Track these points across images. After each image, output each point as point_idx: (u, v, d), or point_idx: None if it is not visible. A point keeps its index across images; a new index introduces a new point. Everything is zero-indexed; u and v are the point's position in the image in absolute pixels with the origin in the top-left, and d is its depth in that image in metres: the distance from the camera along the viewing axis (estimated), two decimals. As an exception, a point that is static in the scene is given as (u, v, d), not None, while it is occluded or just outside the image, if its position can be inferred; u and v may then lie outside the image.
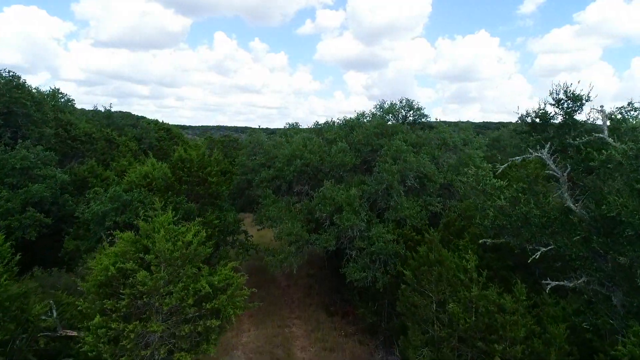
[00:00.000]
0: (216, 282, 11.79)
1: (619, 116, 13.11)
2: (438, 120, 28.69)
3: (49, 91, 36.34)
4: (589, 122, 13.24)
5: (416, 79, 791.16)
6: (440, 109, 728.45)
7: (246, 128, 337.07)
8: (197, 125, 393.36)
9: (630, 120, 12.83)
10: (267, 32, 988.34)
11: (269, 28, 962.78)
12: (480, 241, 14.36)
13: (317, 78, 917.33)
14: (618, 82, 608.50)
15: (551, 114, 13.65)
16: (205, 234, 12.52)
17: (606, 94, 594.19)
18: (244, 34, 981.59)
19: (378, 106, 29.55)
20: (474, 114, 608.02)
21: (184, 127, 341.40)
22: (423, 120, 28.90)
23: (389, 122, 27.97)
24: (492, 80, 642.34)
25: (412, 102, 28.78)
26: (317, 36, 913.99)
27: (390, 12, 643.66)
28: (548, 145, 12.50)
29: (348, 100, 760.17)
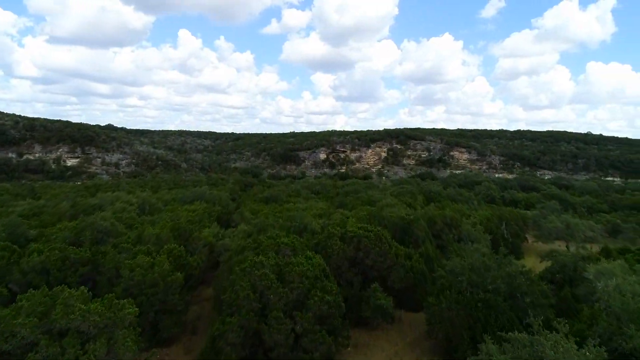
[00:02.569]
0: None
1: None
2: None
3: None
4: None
5: (383, 80, 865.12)
6: (407, 109, 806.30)
7: (211, 133, 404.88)
8: (160, 129, 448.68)
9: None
10: (233, 31, 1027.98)
11: (234, 27, 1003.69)
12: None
13: (284, 78, 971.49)
14: (574, 86, 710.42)
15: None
16: None
17: (563, 96, 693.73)
18: (208, 32, 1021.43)
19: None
20: (439, 115, 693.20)
21: (144, 132, 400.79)
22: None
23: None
24: (457, 82, 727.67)
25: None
26: (284, 36, 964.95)
27: (357, 13, 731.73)
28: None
29: (316, 101, 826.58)
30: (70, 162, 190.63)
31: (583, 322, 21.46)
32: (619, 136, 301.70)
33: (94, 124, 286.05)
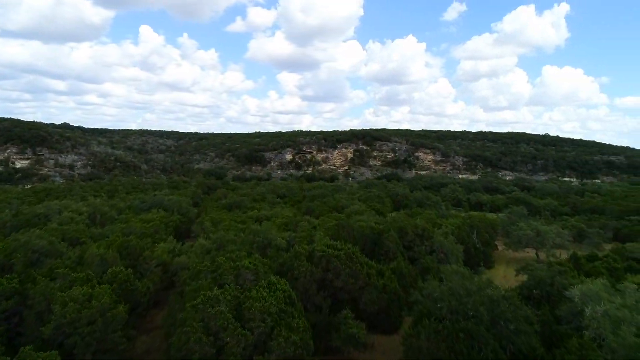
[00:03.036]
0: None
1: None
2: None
3: None
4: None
5: (348, 80, 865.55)
6: (372, 110, 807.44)
7: (173, 133, 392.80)
8: (120, 128, 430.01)
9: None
10: (196, 28, 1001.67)
11: (198, 24, 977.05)
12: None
13: (250, 77, 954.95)
14: (531, 88, 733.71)
15: None
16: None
17: (521, 98, 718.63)
18: (171, 29, 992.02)
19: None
20: (404, 116, 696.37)
21: (103, 132, 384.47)
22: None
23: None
24: (420, 83, 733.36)
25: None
26: (249, 34, 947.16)
27: (322, 13, 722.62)
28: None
29: (282, 100, 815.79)
30: (20, 164, 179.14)
31: (572, 354, 19.72)
32: (574, 137, 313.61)
33: (49, 123, 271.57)
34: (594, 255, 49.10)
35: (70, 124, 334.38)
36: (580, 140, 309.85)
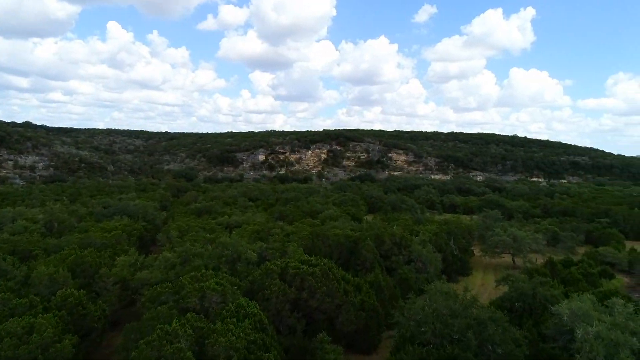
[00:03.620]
0: None
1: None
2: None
3: None
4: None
5: (321, 80, 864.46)
6: (345, 109, 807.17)
7: (143, 132, 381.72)
8: (87, 127, 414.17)
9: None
10: (166, 25, 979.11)
11: (168, 21, 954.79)
12: None
13: (222, 76, 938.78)
14: (499, 90, 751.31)
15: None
16: None
17: (490, 99, 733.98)
18: (140, 26, 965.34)
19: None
20: (376, 116, 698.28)
21: (68, 131, 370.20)
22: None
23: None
24: (392, 84, 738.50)
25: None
26: (221, 33, 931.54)
27: (295, 13, 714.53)
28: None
29: (255, 99, 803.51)
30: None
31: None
32: (540, 138, 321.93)
33: (9, 122, 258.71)
34: (569, 261, 48.94)
35: (33, 122, 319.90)
36: (547, 141, 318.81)
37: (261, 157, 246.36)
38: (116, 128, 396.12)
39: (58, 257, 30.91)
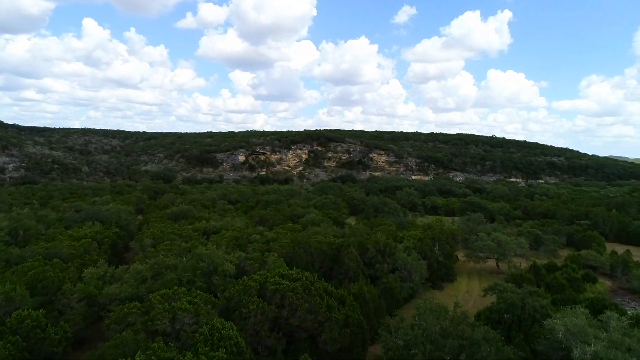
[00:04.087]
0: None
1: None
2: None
3: None
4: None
5: (302, 80, 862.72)
6: (325, 109, 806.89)
7: (119, 132, 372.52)
8: (62, 126, 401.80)
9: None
10: (144, 23, 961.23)
11: (146, 19, 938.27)
12: None
13: (201, 75, 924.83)
14: (477, 91, 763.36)
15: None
16: None
17: (468, 100, 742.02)
18: (117, 23, 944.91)
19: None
20: (357, 116, 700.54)
21: (42, 130, 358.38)
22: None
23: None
24: (372, 84, 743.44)
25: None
26: (200, 31, 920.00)
27: (275, 12, 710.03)
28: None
29: (235, 99, 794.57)
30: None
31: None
32: (517, 139, 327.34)
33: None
34: (553, 265, 48.56)
35: (5, 121, 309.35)
36: (525, 142, 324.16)
37: (241, 158, 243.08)
38: (92, 127, 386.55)
39: (18, 270, 28.54)
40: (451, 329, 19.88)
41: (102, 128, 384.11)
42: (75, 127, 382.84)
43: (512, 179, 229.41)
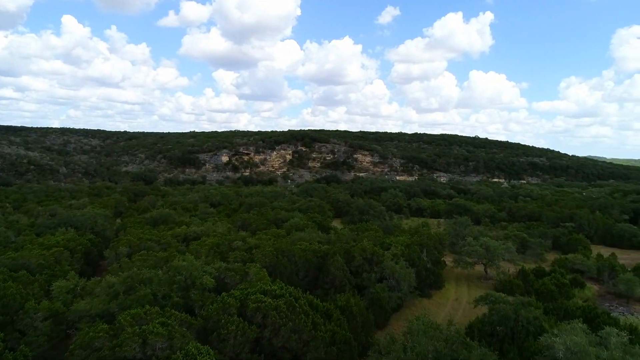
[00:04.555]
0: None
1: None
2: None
3: None
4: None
5: (286, 79, 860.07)
6: (309, 109, 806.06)
7: (100, 132, 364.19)
8: (41, 125, 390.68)
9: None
10: (125, 20, 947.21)
11: (127, 17, 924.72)
12: None
13: (184, 74, 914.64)
14: (459, 91, 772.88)
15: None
16: None
17: (451, 100, 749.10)
18: (97, 20, 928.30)
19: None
20: (341, 116, 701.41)
21: (18, 130, 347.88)
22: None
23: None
24: (356, 84, 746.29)
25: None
26: (183, 30, 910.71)
27: (259, 11, 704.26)
28: None
29: (219, 98, 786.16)
30: None
31: None
32: (498, 139, 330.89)
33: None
34: (541, 270, 47.92)
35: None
36: (507, 142, 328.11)
37: (224, 158, 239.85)
38: (72, 127, 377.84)
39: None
40: (446, 351, 18.55)
41: (83, 127, 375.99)
42: (54, 126, 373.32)
43: (495, 180, 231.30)
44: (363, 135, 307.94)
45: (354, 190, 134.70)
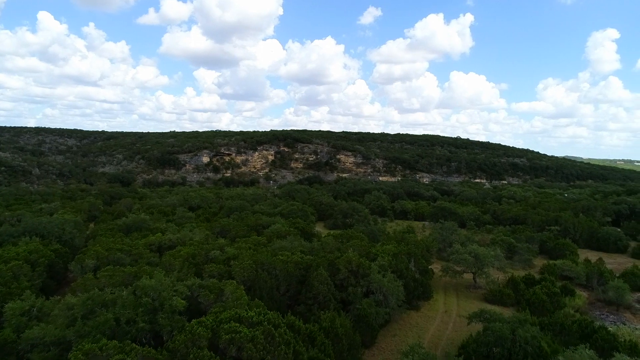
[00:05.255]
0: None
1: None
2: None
3: None
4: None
5: (268, 79, 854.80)
6: (292, 109, 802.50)
7: (76, 131, 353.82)
8: (15, 124, 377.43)
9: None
10: (104, 18, 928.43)
11: (106, 14, 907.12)
12: None
13: (164, 72, 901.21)
14: (440, 92, 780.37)
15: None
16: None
17: (432, 101, 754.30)
18: (75, 17, 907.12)
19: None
20: (323, 116, 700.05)
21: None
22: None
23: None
24: (339, 84, 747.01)
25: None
26: (163, 28, 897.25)
27: (240, 10, 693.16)
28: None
29: (200, 97, 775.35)
30: None
31: None
32: (479, 139, 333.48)
33: None
34: (531, 278, 46.40)
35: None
36: (488, 143, 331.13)
37: (205, 159, 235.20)
38: (49, 126, 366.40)
39: None
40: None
41: (60, 127, 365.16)
42: (30, 125, 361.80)
43: (477, 180, 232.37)
44: (346, 136, 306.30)
45: (337, 192, 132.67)
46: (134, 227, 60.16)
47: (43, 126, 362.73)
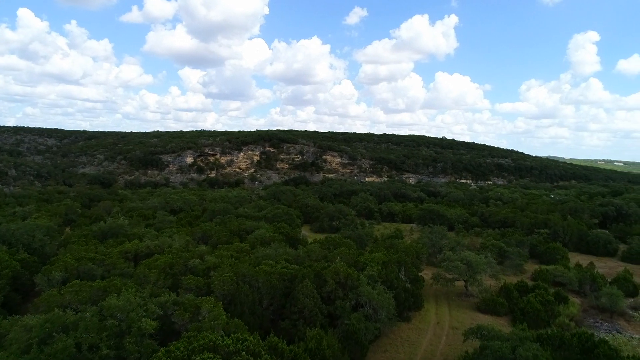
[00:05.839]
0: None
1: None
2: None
3: None
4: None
5: (254, 79, 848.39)
6: (278, 109, 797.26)
7: (56, 131, 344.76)
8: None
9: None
10: (86, 15, 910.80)
11: (88, 11, 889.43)
12: None
13: (148, 71, 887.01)
14: (426, 92, 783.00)
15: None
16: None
17: (417, 101, 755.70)
18: (56, 14, 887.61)
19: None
20: (309, 116, 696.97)
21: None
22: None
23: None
24: (325, 84, 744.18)
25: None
26: (147, 26, 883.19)
27: (226, 8, 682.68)
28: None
29: (185, 97, 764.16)
30: None
31: None
32: (464, 139, 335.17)
33: None
34: (523, 285, 44.86)
35: None
36: (473, 143, 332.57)
37: (189, 160, 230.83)
38: (29, 125, 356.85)
39: None
40: None
41: (41, 126, 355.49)
42: (9, 124, 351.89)
43: (463, 181, 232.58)
44: (332, 136, 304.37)
45: (323, 193, 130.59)
46: (110, 234, 57.16)
47: (23, 125, 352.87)
